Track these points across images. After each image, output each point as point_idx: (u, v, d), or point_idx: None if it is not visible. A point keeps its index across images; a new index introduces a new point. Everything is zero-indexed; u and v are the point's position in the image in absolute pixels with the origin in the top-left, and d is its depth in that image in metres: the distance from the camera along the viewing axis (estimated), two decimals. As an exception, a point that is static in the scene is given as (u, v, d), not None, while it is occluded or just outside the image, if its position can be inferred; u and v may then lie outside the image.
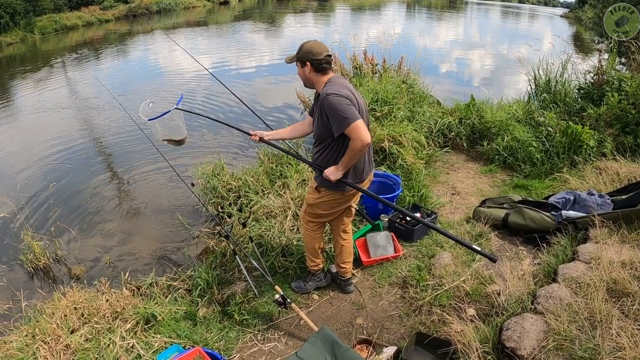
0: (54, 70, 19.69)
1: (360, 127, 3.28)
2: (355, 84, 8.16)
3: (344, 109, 3.29)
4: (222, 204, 6.08)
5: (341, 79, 3.60)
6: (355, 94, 3.52)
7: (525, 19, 45.11)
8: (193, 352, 3.57)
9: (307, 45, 3.52)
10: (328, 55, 3.51)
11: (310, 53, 3.48)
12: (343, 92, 3.35)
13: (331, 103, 3.31)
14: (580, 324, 2.92)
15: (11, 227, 6.54)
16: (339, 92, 3.33)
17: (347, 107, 3.30)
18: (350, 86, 3.57)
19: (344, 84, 3.49)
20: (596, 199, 4.73)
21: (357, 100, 3.48)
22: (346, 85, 3.52)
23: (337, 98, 3.31)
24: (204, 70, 5.92)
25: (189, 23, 35.81)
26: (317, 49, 3.48)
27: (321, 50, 3.48)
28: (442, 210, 5.86)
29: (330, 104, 3.32)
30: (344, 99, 3.32)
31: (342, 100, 3.31)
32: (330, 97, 3.32)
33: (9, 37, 28.44)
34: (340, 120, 3.30)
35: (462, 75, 16.30)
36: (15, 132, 11.86)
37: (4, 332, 4.15)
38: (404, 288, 4.38)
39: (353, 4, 49.58)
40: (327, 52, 3.51)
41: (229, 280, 4.90)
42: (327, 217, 4.08)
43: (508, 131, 7.17)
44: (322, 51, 3.48)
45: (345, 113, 3.28)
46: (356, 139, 3.29)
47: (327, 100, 3.34)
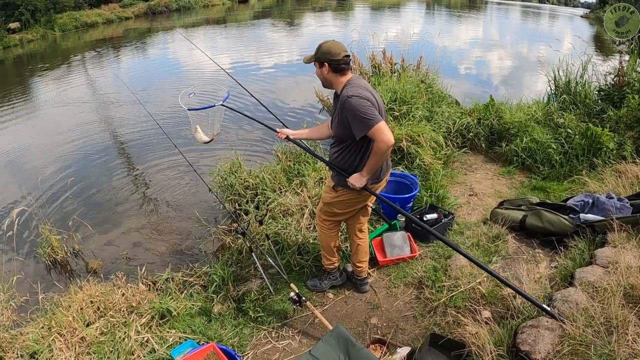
0: (74, 66, 19.91)
1: (384, 129, 3.27)
2: (374, 83, 8.16)
3: (366, 111, 3.28)
4: (239, 201, 6.12)
5: (360, 80, 3.59)
6: (374, 95, 3.51)
7: (545, 19, 44.62)
8: (207, 347, 3.60)
9: (325, 46, 3.51)
10: (346, 55, 3.50)
11: (328, 53, 3.47)
12: (364, 94, 3.34)
13: (353, 105, 3.31)
14: (596, 329, 2.89)
15: (30, 220, 6.64)
16: (359, 94, 3.33)
17: (369, 108, 3.29)
18: (369, 87, 3.56)
19: (363, 85, 3.48)
20: (615, 202, 4.68)
21: (377, 101, 3.48)
22: (366, 86, 3.51)
23: (358, 100, 3.30)
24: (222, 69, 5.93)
25: (209, 21, 35.99)
26: (335, 49, 3.47)
27: (339, 51, 3.47)
28: (460, 211, 5.84)
29: (352, 106, 3.31)
30: (366, 100, 3.31)
31: (364, 102, 3.30)
32: (352, 100, 3.31)
33: (29, 34, 28.89)
34: (364, 122, 3.29)
35: (481, 76, 16.18)
36: (36, 126, 12.06)
37: (21, 324, 4.20)
38: (420, 289, 4.37)
39: (373, 3, 49.39)
40: (345, 53, 3.50)
41: (244, 277, 4.93)
42: (343, 216, 4.09)
43: (527, 132, 7.11)
44: (340, 51, 3.47)
45: (368, 115, 3.27)
46: (380, 141, 3.28)
47: (348, 102, 3.33)
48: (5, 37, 26.93)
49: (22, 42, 27.76)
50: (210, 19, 37.28)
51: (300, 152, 6.49)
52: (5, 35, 27.06)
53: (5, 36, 26.96)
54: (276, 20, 35.98)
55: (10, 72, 20.65)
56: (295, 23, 33.98)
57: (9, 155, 9.80)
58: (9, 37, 27.32)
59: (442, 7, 50.84)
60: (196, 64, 17.91)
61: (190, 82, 15.26)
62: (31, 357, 3.66)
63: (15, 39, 27.59)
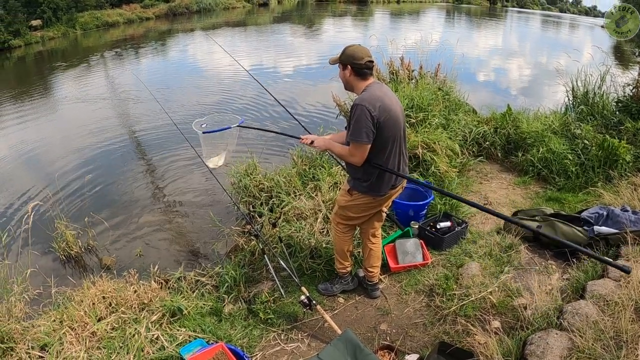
0: (94, 64, 20.15)
1: (362, 151, 3.49)
2: (391, 89, 8.14)
3: (362, 126, 3.38)
4: (253, 203, 6.14)
5: (379, 89, 3.58)
6: (387, 105, 3.49)
7: (565, 29, 44.36)
8: (216, 347, 3.63)
9: (350, 49, 3.57)
10: (370, 60, 3.55)
11: (352, 57, 3.53)
12: (371, 106, 3.38)
13: (357, 113, 3.40)
14: (605, 343, 2.89)
15: (46, 215, 6.72)
16: (367, 105, 3.38)
17: (365, 126, 3.38)
18: (386, 96, 3.54)
19: (378, 96, 3.48)
20: (630, 215, 4.66)
21: (388, 112, 3.48)
22: (381, 96, 3.50)
23: (362, 109, 3.38)
24: (241, 71, 5.99)
25: (228, 23, 36.17)
26: (359, 53, 3.52)
27: (363, 55, 3.52)
28: (473, 220, 5.82)
29: (356, 113, 3.40)
30: (368, 113, 3.37)
31: (365, 115, 3.37)
32: (359, 107, 3.40)
33: (51, 31, 29.28)
34: (355, 132, 3.42)
35: (499, 84, 16.13)
36: (55, 122, 12.28)
37: (33, 316, 4.25)
38: (430, 296, 4.37)
39: (392, 9, 49.44)
40: (368, 58, 3.54)
41: (256, 278, 4.97)
42: (357, 220, 4.11)
43: (543, 142, 7.06)
44: (363, 56, 3.52)
45: (361, 131, 3.39)
46: (353, 155, 3.52)
47: (354, 106, 3.44)
48: (27, 34, 27.28)
49: (44, 39, 28.12)
50: (230, 22, 37.48)
51: (316, 156, 6.50)
52: (27, 32, 27.41)
53: (27, 33, 27.32)
54: (296, 24, 36.13)
55: (31, 68, 20.94)
56: (315, 28, 34.07)
57: (27, 150, 9.96)
58: (31, 34, 27.68)
59: (462, 14, 50.78)
60: (215, 65, 18.05)
61: (209, 82, 15.39)
62: (42, 349, 3.71)
63: (37, 36, 27.96)
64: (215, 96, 13.78)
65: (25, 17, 28.11)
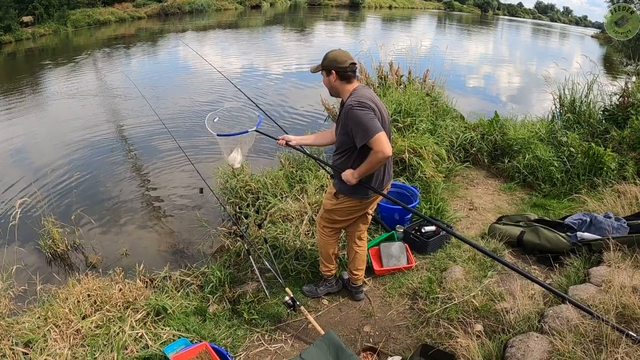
0: (85, 62, 20.05)
1: (383, 140, 3.32)
2: (380, 94, 8.18)
3: (368, 121, 3.34)
4: (240, 205, 6.15)
5: (366, 89, 3.64)
6: (379, 105, 3.56)
7: (555, 38, 44.79)
8: (200, 346, 3.63)
9: (332, 54, 3.58)
10: (352, 63, 3.56)
11: (335, 61, 3.54)
12: (367, 104, 3.40)
13: (355, 114, 3.37)
14: (585, 347, 2.91)
15: (33, 211, 6.68)
16: (363, 104, 3.39)
17: (370, 119, 3.35)
18: (374, 97, 3.61)
19: (368, 96, 3.53)
20: (612, 222, 4.70)
21: (380, 112, 3.52)
22: (370, 96, 3.56)
23: (361, 110, 3.37)
24: (230, 72, 6.00)
25: (220, 25, 36.18)
26: (341, 57, 3.54)
27: (346, 59, 3.53)
28: (458, 225, 5.86)
29: (355, 115, 3.38)
30: (368, 110, 3.37)
31: (367, 112, 3.36)
32: (355, 110, 3.38)
33: (42, 28, 29.11)
34: (364, 131, 3.34)
35: (487, 91, 16.25)
36: (44, 118, 12.22)
37: (18, 313, 4.24)
38: (414, 299, 4.39)
39: (384, 14, 49.60)
40: (351, 61, 3.56)
41: (241, 279, 4.97)
42: (343, 223, 4.12)
43: (530, 149, 7.13)
44: (346, 59, 3.54)
45: (369, 125, 3.33)
46: (378, 151, 3.33)
47: (351, 112, 3.40)
48: (18, 29, 27.10)
49: (34, 36, 27.94)
50: (222, 23, 37.49)
51: (304, 159, 6.52)
52: (18, 28, 27.23)
53: (18, 29, 27.13)
54: (287, 27, 36.16)
55: (21, 64, 20.79)
56: (307, 31, 34.13)
57: (16, 146, 9.88)
58: (22, 30, 27.50)
59: (454, 21, 51.08)
60: (204, 66, 18.01)
61: (198, 83, 15.35)
62: (26, 345, 3.69)
63: (28, 33, 27.78)
64: (201, 97, 13.75)
65: (17, 13, 27.91)
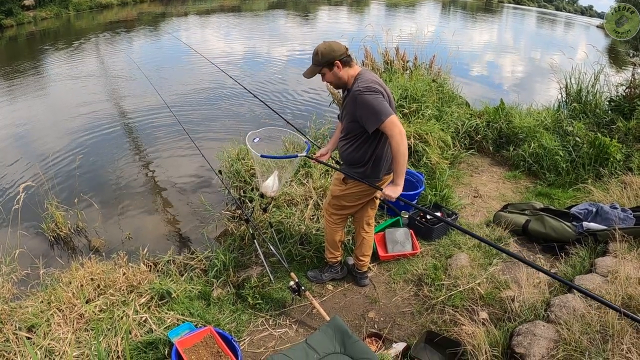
0: (87, 46, 19.91)
1: (396, 121, 3.30)
2: (385, 79, 8.15)
3: (378, 104, 3.31)
4: (244, 188, 6.13)
5: (370, 73, 3.61)
6: (385, 88, 3.53)
7: (560, 27, 44.49)
8: (204, 330, 3.64)
9: (325, 49, 3.49)
10: (345, 48, 3.54)
11: (333, 52, 3.47)
12: (375, 88, 3.37)
13: (365, 99, 3.34)
14: (591, 336, 2.91)
15: (36, 195, 6.65)
16: (371, 88, 3.36)
17: (380, 102, 3.32)
18: (379, 80, 3.58)
19: (373, 79, 3.50)
20: (619, 212, 4.69)
21: (387, 95, 3.50)
22: (376, 79, 3.53)
23: (370, 94, 3.33)
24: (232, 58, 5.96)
25: (223, 9, 35.94)
26: (335, 46, 3.50)
27: (339, 46, 3.51)
28: (463, 212, 5.85)
29: (364, 100, 3.34)
30: (377, 94, 3.35)
31: (376, 96, 3.33)
32: (364, 95, 3.34)
33: (43, 11, 28.83)
34: (376, 116, 3.31)
35: (493, 79, 16.15)
36: (47, 102, 12.10)
37: (21, 297, 4.22)
38: (419, 286, 4.40)
39: (388, 0, 49.25)
40: (344, 45, 3.54)
41: (245, 263, 4.95)
42: (351, 209, 4.11)
43: (535, 138, 7.11)
44: (340, 46, 3.51)
45: (380, 108, 3.30)
46: (395, 134, 3.29)
47: (360, 97, 3.36)
48: (20, 13, 26.85)
49: (36, 19, 27.71)
50: (225, 7, 37.21)
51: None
52: (20, 11, 27.01)
53: (20, 12, 26.91)
54: (291, 12, 35.93)
55: (23, 48, 20.67)
56: (310, 16, 33.92)
57: (18, 129, 9.82)
58: (23, 14, 27.25)
59: (458, 8, 50.72)
60: (206, 51, 17.92)
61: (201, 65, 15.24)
62: (29, 330, 3.68)
63: (29, 16, 27.53)
64: (205, 78, 13.67)
65: (18, -4, 27.72)
